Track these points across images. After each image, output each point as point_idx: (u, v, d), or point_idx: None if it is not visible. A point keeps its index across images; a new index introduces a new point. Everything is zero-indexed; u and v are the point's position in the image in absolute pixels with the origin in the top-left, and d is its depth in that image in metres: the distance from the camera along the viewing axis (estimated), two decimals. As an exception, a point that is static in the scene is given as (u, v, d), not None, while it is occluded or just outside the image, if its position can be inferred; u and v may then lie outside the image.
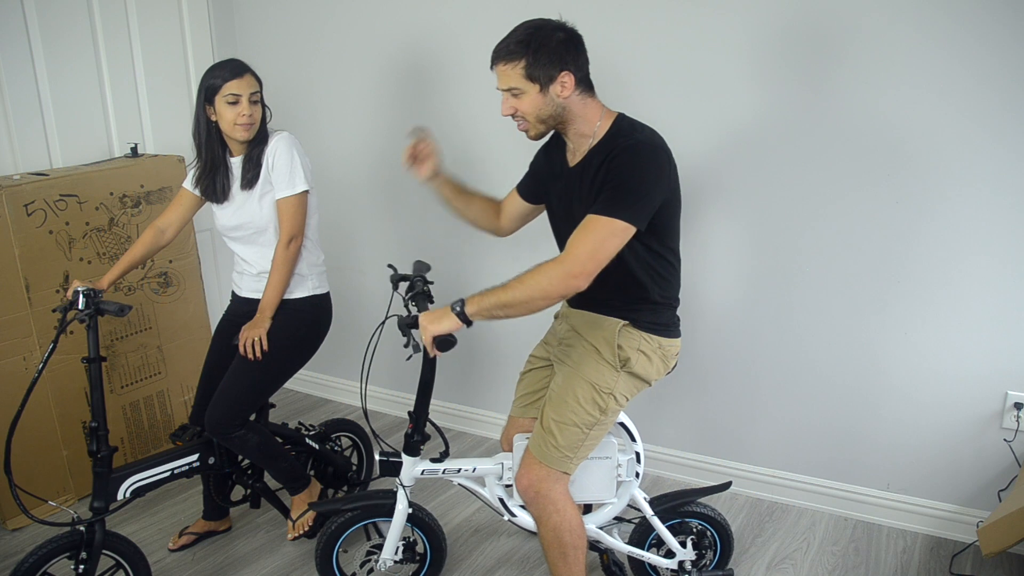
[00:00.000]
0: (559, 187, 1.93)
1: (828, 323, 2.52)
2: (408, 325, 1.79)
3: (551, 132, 1.89)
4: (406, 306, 1.98)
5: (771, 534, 2.56)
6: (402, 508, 2.04)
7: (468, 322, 1.71)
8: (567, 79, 1.75)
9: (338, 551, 2.12)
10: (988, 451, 2.40)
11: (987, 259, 2.27)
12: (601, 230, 1.68)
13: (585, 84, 1.81)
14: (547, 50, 1.73)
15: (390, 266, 2.15)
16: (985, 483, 2.43)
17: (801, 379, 2.61)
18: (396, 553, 2.09)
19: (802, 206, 2.47)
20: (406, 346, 1.80)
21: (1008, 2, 2.08)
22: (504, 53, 1.77)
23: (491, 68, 1.81)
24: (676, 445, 2.88)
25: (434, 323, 1.71)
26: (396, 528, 2.05)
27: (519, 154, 2.57)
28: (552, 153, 1.99)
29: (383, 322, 1.98)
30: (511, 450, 2.16)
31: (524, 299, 1.67)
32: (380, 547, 2.10)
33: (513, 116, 1.83)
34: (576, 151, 1.87)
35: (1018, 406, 2.32)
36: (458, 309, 1.70)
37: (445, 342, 1.72)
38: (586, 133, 1.83)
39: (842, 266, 2.46)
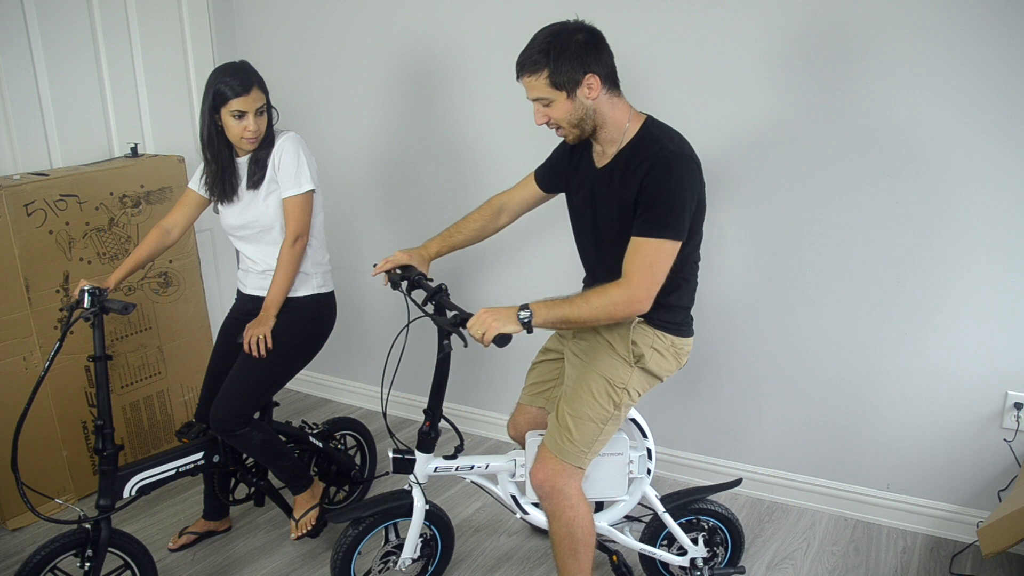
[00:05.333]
0: (584, 187, 1.94)
1: (829, 323, 2.53)
2: (456, 324, 1.79)
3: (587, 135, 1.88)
4: (420, 306, 1.96)
5: (771, 534, 2.56)
6: (420, 506, 2.04)
7: (531, 330, 1.73)
8: (592, 81, 1.75)
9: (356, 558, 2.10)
10: (988, 451, 2.41)
11: (987, 259, 2.28)
12: (653, 252, 1.73)
13: (611, 82, 1.81)
14: (568, 55, 1.72)
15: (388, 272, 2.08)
16: (985, 483, 2.43)
17: (801, 379, 2.62)
18: (415, 551, 2.09)
19: (802, 207, 2.47)
20: (444, 342, 1.83)
21: (1013, 7, 2.08)
22: (527, 65, 1.77)
23: (517, 80, 1.81)
24: (676, 445, 2.88)
25: (501, 322, 1.70)
26: (416, 527, 2.05)
27: (520, 151, 2.58)
28: (577, 151, 1.98)
29: (407, 326, 1.96)
30: (516, 435, 2.19)
31: (589, 318, 1.74)
32: (398, 548, 2.10)
33: (548, 124, 1.84)
34: (604, 152, 1.88)
35: (1018, 406, 2.33)
36: (526, 320, 1.71)
37: (503, 338, 1.72)
38: (615, 137, 1.84)
39: (842, 266, 2.46)
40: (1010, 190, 2.20)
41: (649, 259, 1.73)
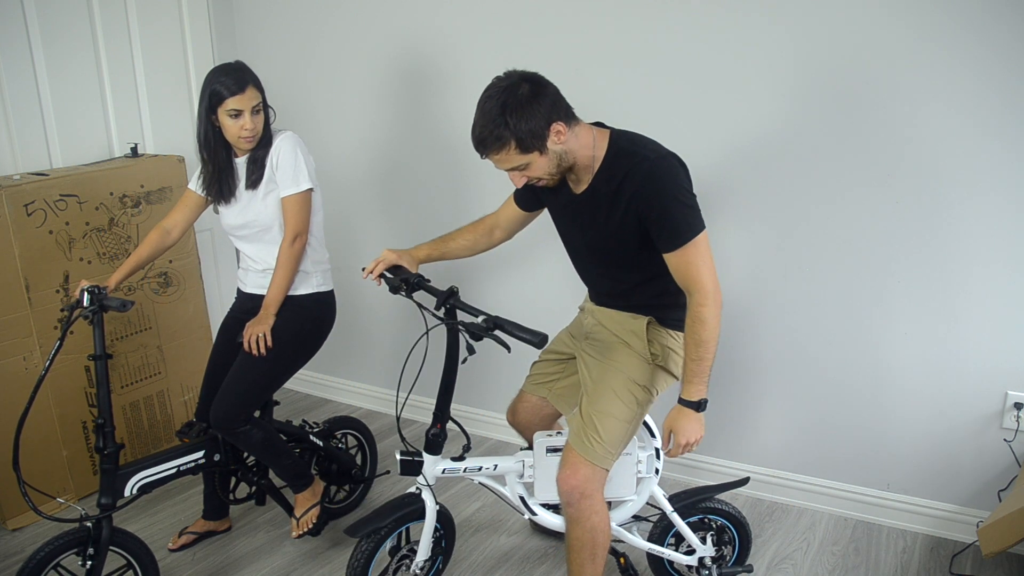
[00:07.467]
0: (566, 214, 1.94)
1: (828, 323, 2.53)
2: (488, 329, 1.83)
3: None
4: (436, 314, 1.93)
5: (771, 534, 2.56)
6: (432, 508, 2.01)
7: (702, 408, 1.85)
8: (559, 127, 1.71)
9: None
10: (988, 451, 2.40)
11: (987, 259, 2.28)
12: (696, 256, 1.75)
13: (568, 116, 1.75)
14: (527, 116, 1.66)
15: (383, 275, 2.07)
16: (985, 483, 2.43)
17: (801, 379, 2.62)
18: (429, 552, 2.07)
19: (802, 206, 2.47)
20: (468, 344, 1.86)
21: (1013, 7, 2.08)
22: (489, 142, 1.70)
23: (482, 158, 1.75)
24: (676, 445, 2.88)
25: (699, 427, 1.86)
26: (429, 529, 2.02)
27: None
28: None
29: (425, 332, 1.95)
30: (514, 421, 2.20)
31: (712, 352, 1.79)
32: (411, 552, 2.08)
33: (527, 182, 1.81)
34: (579, 180, 1.85)
35: (1018, 406, 2.33)
36: (701, 409, 1.84)
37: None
38: (588, 164, 1.81)
39: (842, 266, 2.46)
40: (1010, 190, 2.20)
41: (696, 262, 1.74)
